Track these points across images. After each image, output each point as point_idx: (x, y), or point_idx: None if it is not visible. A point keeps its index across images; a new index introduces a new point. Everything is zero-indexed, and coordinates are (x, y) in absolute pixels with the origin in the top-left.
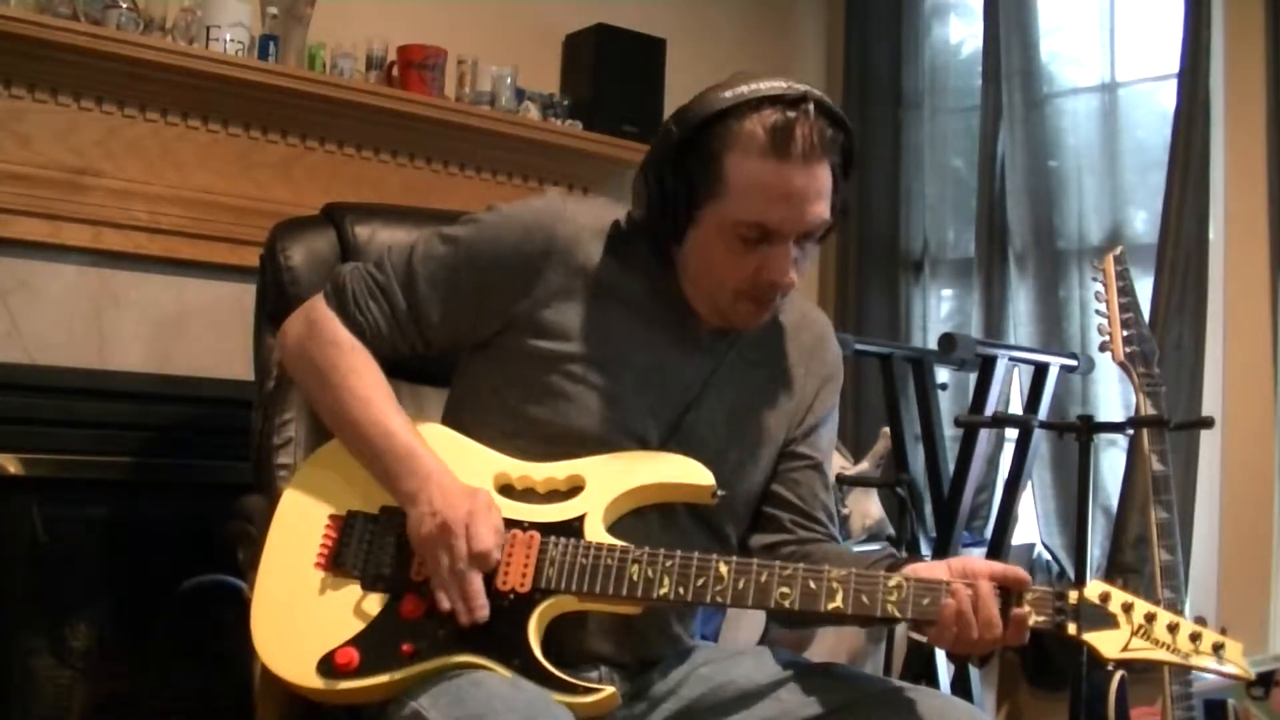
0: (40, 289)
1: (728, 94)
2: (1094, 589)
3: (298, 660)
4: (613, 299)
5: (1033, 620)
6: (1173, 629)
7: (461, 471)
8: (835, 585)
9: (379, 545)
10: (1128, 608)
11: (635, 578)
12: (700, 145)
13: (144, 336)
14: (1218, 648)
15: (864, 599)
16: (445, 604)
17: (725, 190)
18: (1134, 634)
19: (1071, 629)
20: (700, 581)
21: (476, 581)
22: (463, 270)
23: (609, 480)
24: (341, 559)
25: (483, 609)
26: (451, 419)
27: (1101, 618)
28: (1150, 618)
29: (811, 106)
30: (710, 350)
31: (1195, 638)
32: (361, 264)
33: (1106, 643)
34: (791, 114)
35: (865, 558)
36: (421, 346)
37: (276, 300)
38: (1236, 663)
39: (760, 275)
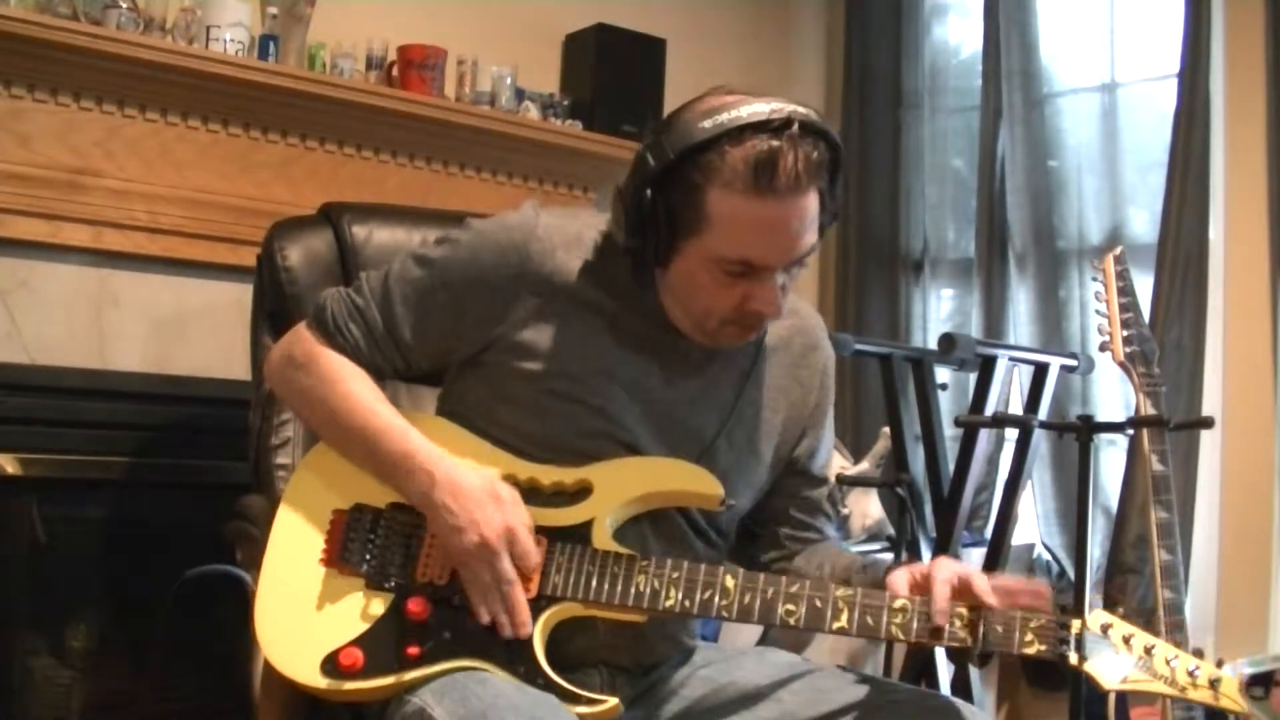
0: (40, 289)
1: (707, 124)
2: (1096, 619)
3: (302, 659)
4: (594, 314)
5: (1035, 649)
6: (1171, 662)
7: (467, 469)
8: (841, 605)
9: (385, 543)
10: (1128, 639)
11: (641, 588)
12: (680, 177)
13: (144, 336)
14: (1214, 682)
15: (869, 620)
16: (485, 618)
17: (708, 226)
18: (1133, 665)
19: (1073, 660)
20: (706, 594)
21: (522, 598)
22: (438, 293)
23: (617, 485)
24: (347, 555)
25: (527, 625)
26: None
27: (1103, 647)
28: (1149, 650)
29: (796, 129)
30: (700, 362)
31: (1193, 671)
32: (343, 288)
33: (1106, 674)
34: (776, 143)
35: (856, 557)
36: (402, 366)
37: (274, 300)
38: (1232, 698)
39: (746, 305)
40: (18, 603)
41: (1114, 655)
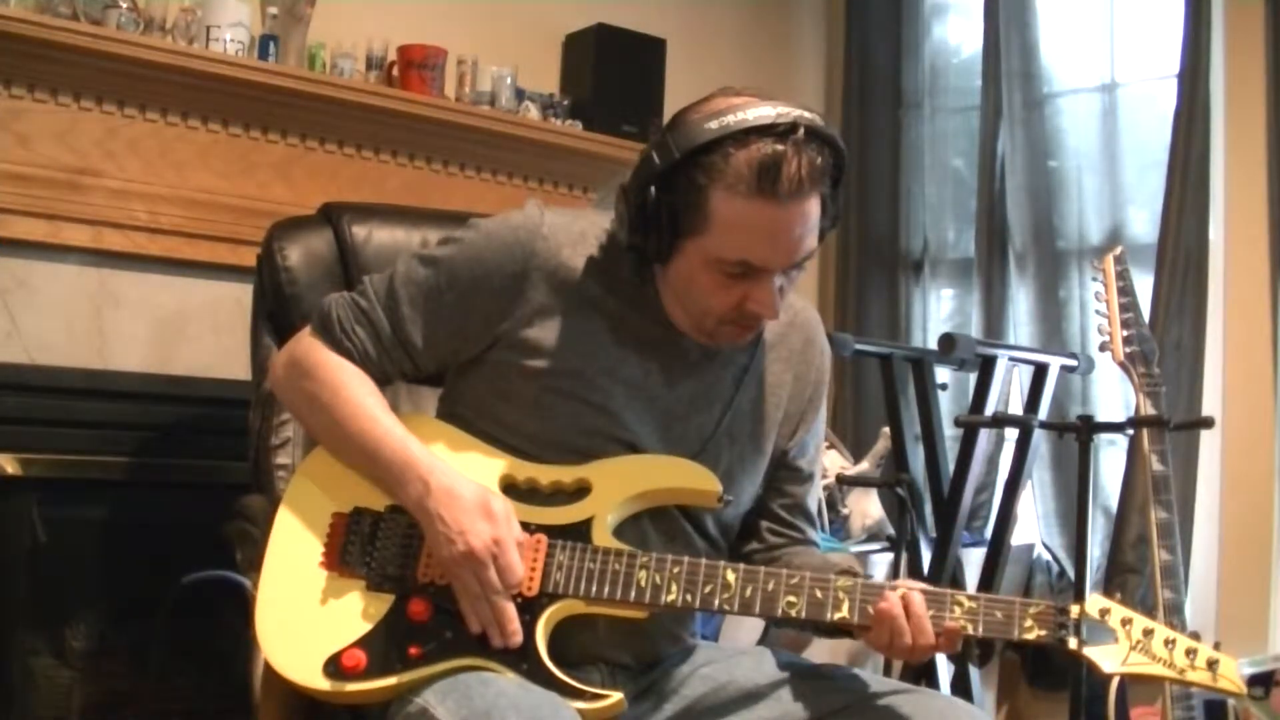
0: (40, 289)
1: (713, 124)
2: (1094, 604)
3: (304, 661)
4: (597, 312)
5: (1035, 634)
6: (1169, 644)
7: (465, 471)
8: (841, 595)
9: (385, 545)
10: (1126, 622)
11: (643, 584)
12: (685, 177)
13: (144, 336)
14: (1212, 663)
15: (869, 610)
16: (476, 627)
17: (710, 226)
18: (1132, 649)
19: (1072, 644)
20: (708, 589)
21: (510, 609)
22: (444, 293)
23: (616, 483)
24: (347, 557)
25: (517, 634)
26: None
27: (1101, 633)
28: (1148, 633)
29: (801, 134)
30: (700, 360)
31: (1191, 653)
32: (346, 292)
33: (1105, 658)
34: (780, 147)
35: (834, 567)
36: (410, 369)
37: (274, 300)
38: (1230, 679)
39: (745, 305)
40: (18, 603)
41: (1113, 640)
